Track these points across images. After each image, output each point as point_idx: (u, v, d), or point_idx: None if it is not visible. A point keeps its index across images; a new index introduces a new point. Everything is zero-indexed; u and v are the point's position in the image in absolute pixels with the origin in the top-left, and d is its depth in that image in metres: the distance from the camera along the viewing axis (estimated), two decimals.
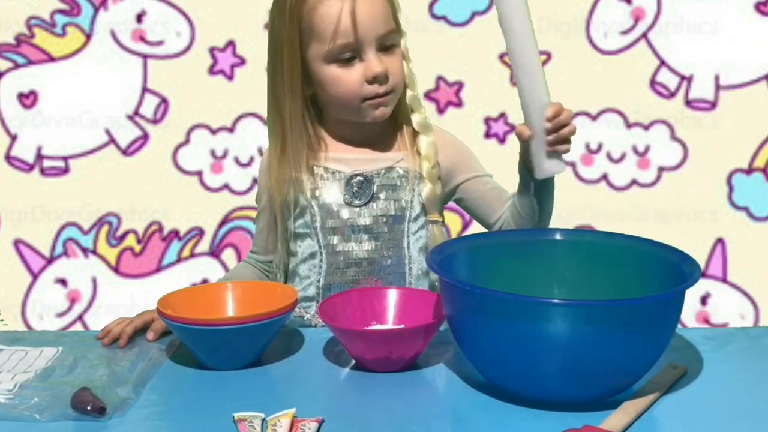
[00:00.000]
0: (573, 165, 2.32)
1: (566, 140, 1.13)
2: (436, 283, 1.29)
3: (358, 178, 1.28)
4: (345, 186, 1.28)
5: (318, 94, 1.29)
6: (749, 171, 2.33)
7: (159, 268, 2.36)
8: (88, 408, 0.94)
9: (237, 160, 2.33)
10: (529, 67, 1.11)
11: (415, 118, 1.30)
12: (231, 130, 2.32)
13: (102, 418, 0.94)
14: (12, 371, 1.06)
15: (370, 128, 1.30)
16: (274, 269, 1.35)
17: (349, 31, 1.22)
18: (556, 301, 0.92)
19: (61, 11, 2.29)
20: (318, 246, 1.29)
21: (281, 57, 1.26)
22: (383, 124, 1.30)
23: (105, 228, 2.35)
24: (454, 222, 2.29)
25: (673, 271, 1.00)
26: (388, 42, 1.26)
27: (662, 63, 2.31)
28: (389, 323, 1.14)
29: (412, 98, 1.31)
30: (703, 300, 2.32)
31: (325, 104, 1.30)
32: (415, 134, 1.31)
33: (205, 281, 2.30)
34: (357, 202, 1.28)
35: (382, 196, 1.28)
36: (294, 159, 1.28)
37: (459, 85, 2.31)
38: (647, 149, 2.34)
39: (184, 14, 2.30)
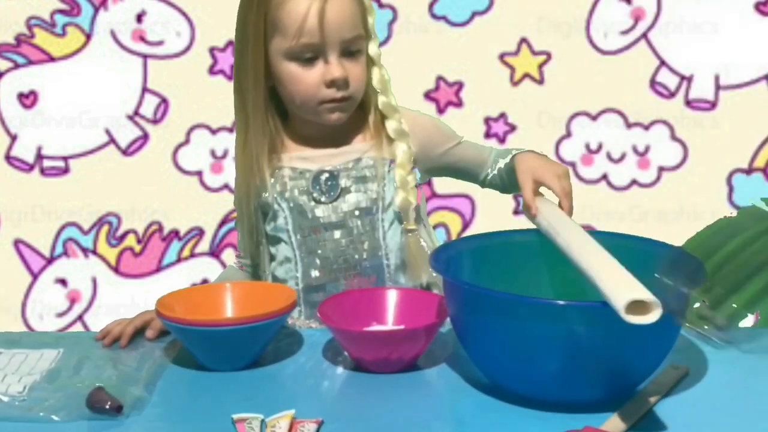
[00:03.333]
0: (573, 165, 2.32)
1: None
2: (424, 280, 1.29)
3: (325, 174, 1.27)
4: (312, 184, 1.27)
5: (277, 89, 1.27)
6: (749, 171, 2.32)
7: (159, 268, 2.36)
8: (107, 407, 0.94)
9: None
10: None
11: (390, 125, 1.28)
12: (231, 130, 2.32)
13: (119, 416, 0.94)
14: (17, 373, 1.05)
15: (332, 125, 1.28)
16: (260, 273, 1.34)
17: (314, 31, 1.20)
18: (560, 302, 0.91)
19: (61, 11, 2.29)
20: (292, 248, 1.28)
21: (246, 47, 1.24)
22: (347, 118, 1.28)
23: (105, 228, 2.34)
24: (454, 222, 2.29)
25: (676, 272, 1.00)
26: (353, 47, 1.24)
27: (662, 63, 2.31)
28: (389, 324, 1.14)
29: (385, 104, 1.28)
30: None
31: (285, 100, 1.28)
32: (382, 122, 1.29)
33: (205, 281, 2.29)
34: (325, 198, 1.26)
35: (352, 189, 1.27)
36: (256, 154, 1.26)
37: (459, 85, 2.30)
38: (647, 149, 2.33)
39: (184, 14, 2.30)
